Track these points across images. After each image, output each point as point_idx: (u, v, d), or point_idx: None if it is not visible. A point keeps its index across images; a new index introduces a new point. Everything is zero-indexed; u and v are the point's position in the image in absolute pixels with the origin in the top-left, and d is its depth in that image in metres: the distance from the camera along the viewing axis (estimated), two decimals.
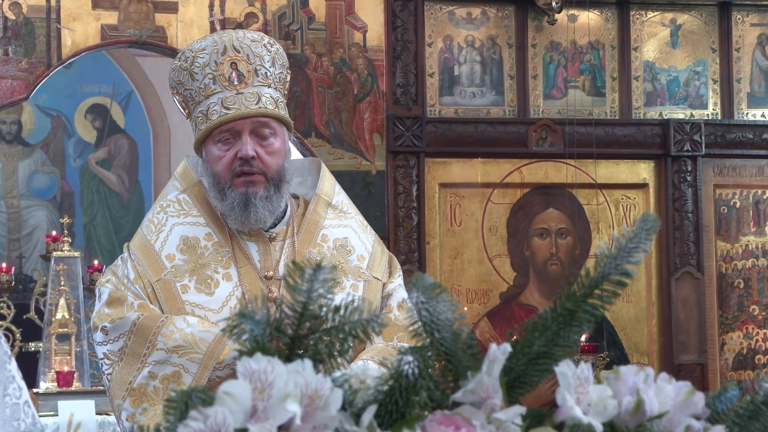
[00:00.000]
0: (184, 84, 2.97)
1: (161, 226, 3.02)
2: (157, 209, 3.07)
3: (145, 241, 3.01)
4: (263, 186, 2.92)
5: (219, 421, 1.12)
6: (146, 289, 2.94)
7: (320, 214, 3.08)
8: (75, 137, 11.00)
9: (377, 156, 7.14)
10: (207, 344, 2.82)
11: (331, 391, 1.17)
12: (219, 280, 2.94)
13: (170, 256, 2.96)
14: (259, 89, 2.93)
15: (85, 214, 10.98)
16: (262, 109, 2.92)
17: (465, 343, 1.30)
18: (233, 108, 2.91)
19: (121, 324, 2.89)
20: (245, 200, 2.91)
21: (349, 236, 3.08)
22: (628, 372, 1.29)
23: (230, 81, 2.92)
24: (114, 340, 2.89)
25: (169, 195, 3.08)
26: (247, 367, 1.15)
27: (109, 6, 6.87)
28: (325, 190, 3.12)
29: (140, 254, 2.98)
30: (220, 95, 2.92)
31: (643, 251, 1.33)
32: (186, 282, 2.93)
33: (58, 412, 6.07)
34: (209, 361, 2.81)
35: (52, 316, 6.50)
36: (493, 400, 1.22)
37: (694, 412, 1.30)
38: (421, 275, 1.33)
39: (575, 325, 1.31)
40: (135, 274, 2.95)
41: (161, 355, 2.84)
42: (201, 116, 2.95)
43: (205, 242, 2.98)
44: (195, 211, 3.02)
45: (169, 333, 2.84)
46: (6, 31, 6.77)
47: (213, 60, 2.93)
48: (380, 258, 3.09)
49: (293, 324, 1.26)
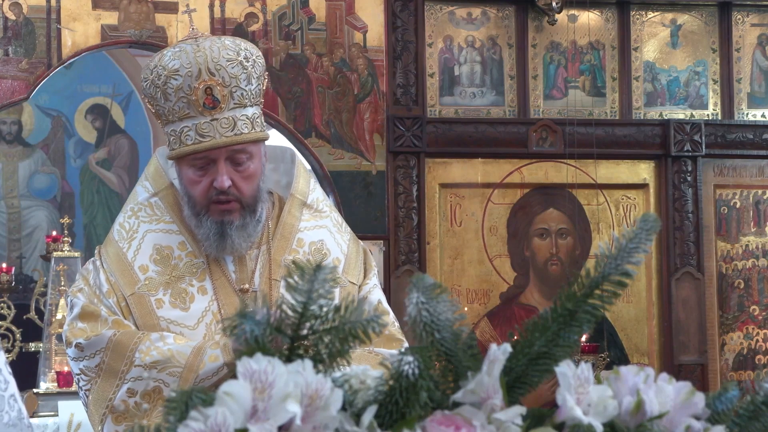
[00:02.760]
0: (156, 100, 2.88)
1: (133, 232, 2.96)
2: (128, 213, 3.01)
3: (118, 249, 2.95)
4: (238, 214, 2.87)
5: (219, 421, 1.12)
6: (120, 303, 2.89)
7: (295, 216, 3.04)
8: (75, 137, 11.00)
9: (377, 156, 7.14)
10: (185, 357, 2.78)
11: (331, 391, 1.17)
12: (194, 293, 2.90)
13: (143, 267, 2.91)
14: (234, 113, 2.84)
15: (86, 215, 10.98)
16: (238, 136, 2.84)
17: (465, 343, 1.30)
18: (208, 136, 2.82)
19: (97, 341, 2.84)
20: (221, 230, 2.87)
21: (325, 238, 3.04)
22: (628, 372, 1.29)
23: (205, 106, 2.83)
24: (90, 357, 2.85)
25: (140, 197, 3.02)
26: (247, 367, 1.15)
27: (109, 6, 6.87)
28: (299, 188, 3.07)
29: (113, 265, 2.93)
30: (194, 121, 2.83)
31: (644, 251, 1.33)
32: (160, 296, 2.89)
33: (58, 413, 6.07)
34: (189, 374, 2.78)
35: (52, 317, 6.50)
36: (493, 400, 1.22)
37: (695, 412, 1.30)
38: (422, 275, 1.33)
39: (575, 326, 1.31)
40: (108, 287, 2.90)
41: (139, 371, 2.80)
42: (174, 135, 2.87)
43: (178, 252, 2.93)
44: (167, 217, 2.97)
45: (146, 349, 2.80)
46: (6, 31, 6.77)
47: (187, 84, 2.82)
48: (355, 259, 3.06)
49: (293, 324, 1.26)
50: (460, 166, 7.28)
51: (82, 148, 11.02)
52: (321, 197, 3.13)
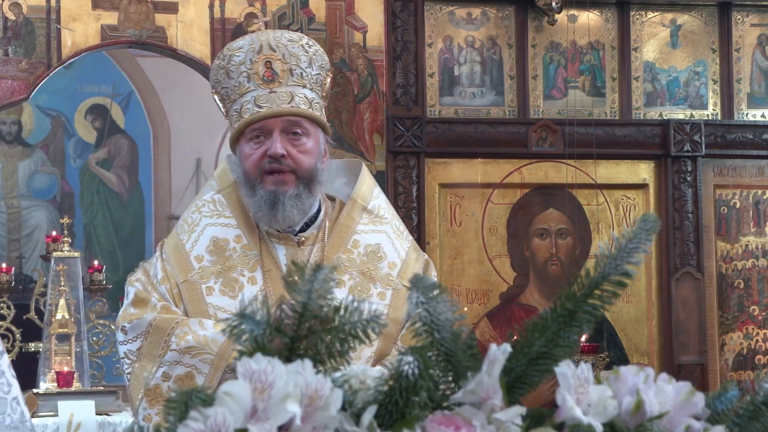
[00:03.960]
0: (221, 82, 2.97)
1: (194, 225, 3.02)
2: (192, 209, 3.07)
3: (178, 240, 3.02)
4: (293, 185, 2.90)
5: (219, 421, 1.12)
6: (172, 290, 2.95)
7: (354, 219, 3.05)
8: (75, 137, 11.00)
9: (377, 156, 7.14)
10: (218, 345, 2.81)
11: (331, 391, 1.17)
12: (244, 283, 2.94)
13: (199, 257, 2.96)
14: (294, 89, 2.91)
15: (85, 215, 10.98)
16: (294, 108, 2.90)
17: (465, 343, 1.30)
18: (265, 106, 2.89)
19: (138, 324, 2.90)
20: (273, 198, 2.89)
21: (382, 242, 3.05)
22: (628, 372, 1.29)
23: (264, 79, 2.91)
24: (132, 340, 2.92)
25: (205, 195, 3.09)
26: (247, 367, 1.15)
27: (109, 6, 6.87)
28: (361, 193, 3.09)
29: (171, 254, 2.99)
30: (253, 93, 2.91)
31: (643, 251, 1.33)
32: (211, 284, 2.93)
33: (58, 413, 6.07)
34: (220, 362, 2.81)
35: (52, 317, 6.50)
36: (493, 400, 1.22)
37: (694, 412, 1.30)
38: (422, 275, 1.33)
39: (575, 326, 1.31)
40: (163, 275, 2.96)
41: (174, 355, 2.84)
42: (235, 114, 2.94)
43: (234, 244, 2.97)
44: (228, 212, 3.02)
45: (182, 334, 2.85)
46: (6, 31, 6.77)
47: (248, 58, 2.92)
48: (413, 265, 3.05)
49: (293, 324, 1.26)
50: (460, 166, 7.28)
51: (81, 148, 11.02)
52: (384, 205, 3.14)
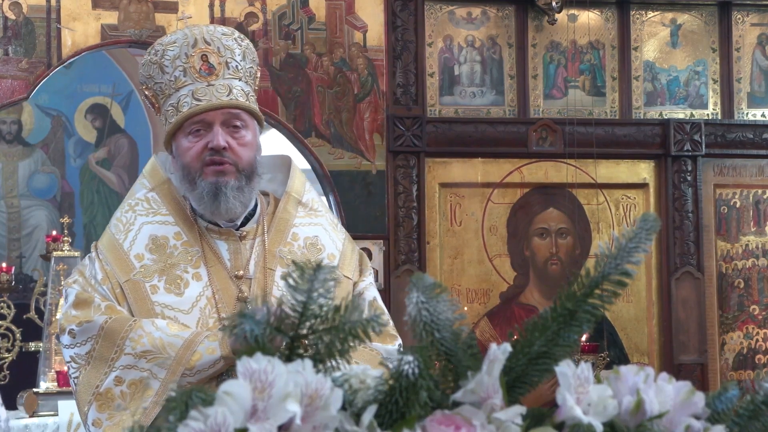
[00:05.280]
0: (154, 78, 2.95)
1: (130, 225, 2.98)
2: (125, 208, 3.03)
3: (114, 240, 2.97)
4: (234, 176, 2.89)
5: (219, 421, 1.12)
6: (114, 289, 2.90)
7: (290, 212, 3.06)
8: (75, 137, 11.00)
9: (377, 156, 7.14)
10: (176, 349, 2.78)
11: (331, 391, 1.17)
12: (189, 280, 2.91)
13: (139, 255, 2.92)
14: (230, 81, 2.92)
15: (85, 214, 10.98)
16: (233, 100, 2.90)
17: (465, 342, 1.30)
18: (204, 99, 2.89)
19: (89, 327, 2.85)
20: (215, 190, 2.88)
21: (320, 234, 3.06)
22: (628, 372, 1.29)
23: (201, 73, 2.90)
24: (81, 344, 2.85)
25: (137, 193, 3.04)
26: (247, 366, 1.15)
27: (109, 6, 6.87)
28: (295, 188, 3.10)
29: (108, 254, 2.94)
30: (190, 87, 2.90)
31: (643, 251, 1.33)
32: (155, 282, 2.90)
33: (58, 412, 6.07)
34: (178, 366, 2.77)
35: (52, 316, 6.50)
36: (493, 400, 1.22)
37: (694, 412, 1.30)
38: (421, 275, 1.33)
39: (575, 325, 1.31)
40: (103, 275, 2.91)
41: (129, 359, 2.80)
42: (171, 109, 2.92)
43: (174, 241, 2.94)
44: (164, 210, 2.99)
45: (137, 337, 2.80)
46: (6, 31, 6.77)
47: (183, 52, 2.92)
48: (350, 256, 3.07)
49: (293, 324, 1.26)
50: (460, 165, 7.28)
51: (81, 147, 11.02)
52: (316, 198, 3.16)
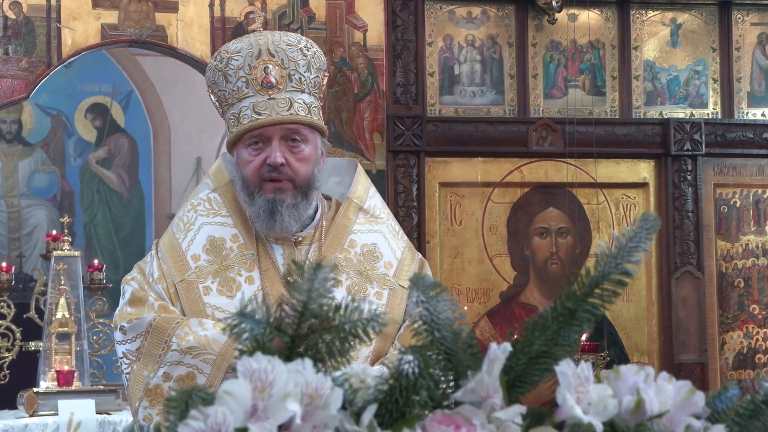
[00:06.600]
0: (218, 85, 2.97)
1: (190, 224, 3.02)
2: (187, 207, 3.07)
3: (174, 239, 3.01)
4: (291, 194, 2.91)
5: (219, 420, 1.12)
6: (169, 289, 2.95)
7: (350, 219, 3.06)
8: (75, 136, 11.00)
9: (377, 155, 7.14)
10: (220, 345, 2.81)
11: (331, 390, 1.17)
12: (241, 283, 2.94)
13: (195, 256, 2.96)
14: (292, 95, 2.91)
15: (86, 214, 10.98)
16: (293, 115, 2.90)
17: (465, 342, 1.30)
18: (264, 114, 2.89)
19: (139, 324, 2.90)
20: (272, 207, 2.90)
21: (378, 242, 3.05)
22: (628, 371, 1.29)
23: (263, 86, 2.90)
24: (131, 340, 2.91)
25: (200, 193, 3.08)
26: (247, 366, 1.15)
27: (109, 5, 6.87)
28: (357, 193, 3.10)
29: (167, 253, 2.99)
30: (252, 99, 2.91)
31: (644, 251, 1.33)
32: (209, 284, 2.93)
33: (58, 412, 6.06)
34: (222, 362, 2.81)
35: (52, 316, 6.50)
36: (493, 399, 1.22)
37: (695, 411, 1.30)
38: (421, 275, 1.33)
39: (575, 325, 1.31)
40: (159, 274, 2.96)
41: (175, 356, 2.84)
42: (233, 119, 2.94)
43: (230, 243, 2.97)
44: (224, 211, 3.02)
45: (183, 334, 2.85)
46: (6, 30, 6.77)
47: (247, 63, 2.91)
48: (409, 265, 3.06)
49: (293, 323, 1.26)
50: (460, 165, 7.28)
51: (82, 147, 11.02)
52: (379, 205, 3.15)
